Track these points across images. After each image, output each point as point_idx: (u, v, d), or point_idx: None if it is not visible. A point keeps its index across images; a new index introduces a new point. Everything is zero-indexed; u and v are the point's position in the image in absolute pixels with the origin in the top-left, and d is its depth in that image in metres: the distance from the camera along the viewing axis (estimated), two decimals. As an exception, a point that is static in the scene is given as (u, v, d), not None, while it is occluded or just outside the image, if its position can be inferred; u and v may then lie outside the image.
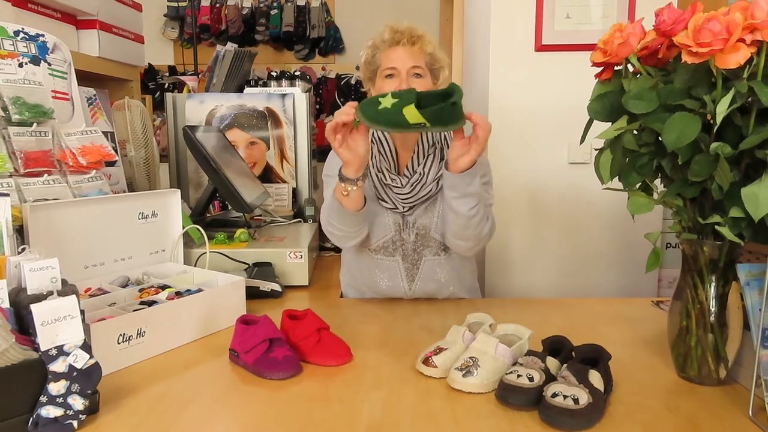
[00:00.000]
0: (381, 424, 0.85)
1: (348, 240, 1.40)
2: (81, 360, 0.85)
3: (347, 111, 1.15)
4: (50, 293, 0.89)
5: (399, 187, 1.38)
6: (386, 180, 1.39)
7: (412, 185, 1.38)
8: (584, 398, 0.83)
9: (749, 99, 0.82)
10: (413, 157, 1.40)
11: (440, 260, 1.44)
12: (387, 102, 1.11)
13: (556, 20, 1.98)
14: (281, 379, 1.00)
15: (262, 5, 4.25)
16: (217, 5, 4.26)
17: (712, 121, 0.84)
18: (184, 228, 1.50)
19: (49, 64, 1.42)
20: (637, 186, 0.98)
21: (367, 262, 1.47)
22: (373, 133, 1.44)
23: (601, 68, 0.98)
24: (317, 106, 4.34)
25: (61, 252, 1.04)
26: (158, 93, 4.18)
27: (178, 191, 1.49)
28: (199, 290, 1.26)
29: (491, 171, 1.47)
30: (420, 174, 1.38)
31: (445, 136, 1.43)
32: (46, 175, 1.29)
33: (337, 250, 2.04)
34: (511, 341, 1.04)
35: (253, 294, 1.42)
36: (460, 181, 1.24)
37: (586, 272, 2.12)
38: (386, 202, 1.41)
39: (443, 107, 1.11)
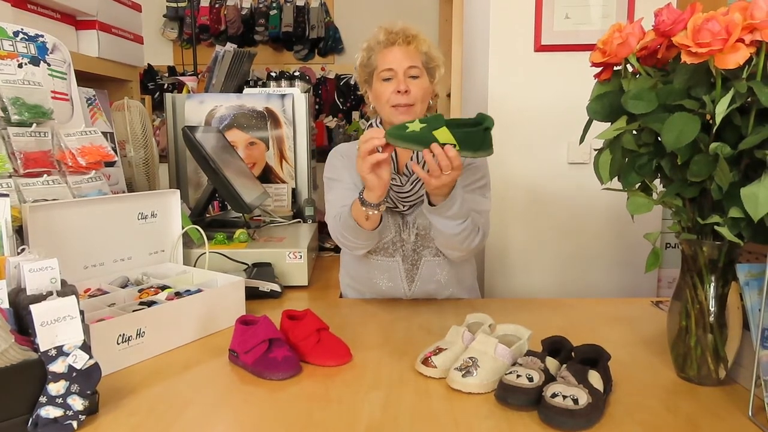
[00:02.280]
0: (380, 425, 0.85)
1: (361, 249, 1.40)
2: (80, 360, 0.85)
3: (376, 135, 1.12)
4: (50, 294, 0.89)
5: (399, 186, 1.38)
6: None
7: (412, 183, 1.38)
8: (584, 398, 0.83)
9: (748, 99, 0.82)
10: (412, 156, 1.40)
11: (440, 261, 1.44)
12: (415, 126, 1.11)
13: (555, 20, 1.98)
14: (281, 379, 1.00)
15: (261, 5, 4.25)
16: (217, 5, 4.26)
17: (711, 122, 0.84)
18: (183, 228, 1.50)
19: (49, 65, 1.42)
20: (637, 186, 0.98)
21: (367, 263, 1.47)
22: None
23: (601, 68, 0.99)
24: (316, 107, 4.34)
25: (60, 252, 1.04)
26: (158, 93, 4.18)
27: (178, 192, 1.49)
28: (199, 291, 1.26)
29: (489, 174, 1.46)
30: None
31: None
32: (45, 175, 1.29)
33: (337, 250, 2.04)
34: (511, 341, 1.03)
35: (252, 294, 1.42)
36: (437, 210, 1.24)
37: (586, 272, 2.12)
38: (386, 201, 1.40)
39: (475, 132, 1.12)
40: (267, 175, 2.29)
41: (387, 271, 1.45)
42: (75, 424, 0.82)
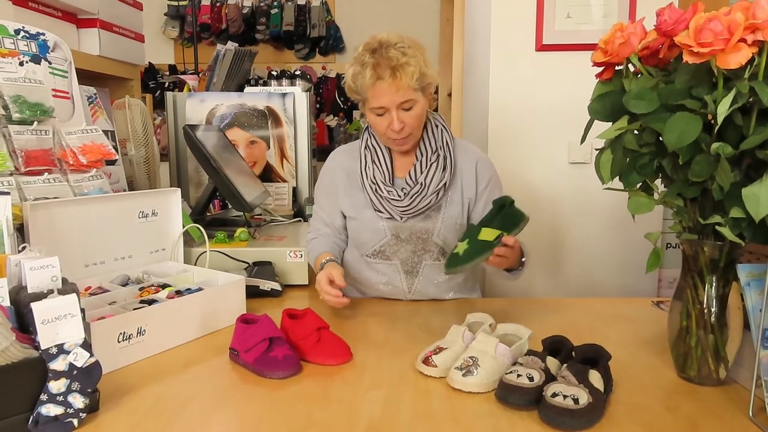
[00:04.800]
0: (380, 424, 0.85)
1: None
2: (81, 358, 0.85)
3: (340, 303, 1.26)
4: (50, 292, 0.89)
5: (397, 200, 1.35)
6: (383, 192, 1.36)
7: (411, 197, 1.35)
8: (584, 398, 0.83)
9: (750, 99, 0.82)
10: (416, 165, 1.37)
11: (440, 265, 1.42)
12: (462, 247, 1.17)
13: (556, 20, 1.98)
14: (281, 378, 1.00)
15: (262, 4, 4.25)
16: (218, 4, 4.26)
17: (713, 122, 0.84)
18: (184, 227, 1.50)
19: (50, 63, 1.42)
20: (638, 186, 0.98)
21: (366, 265, 1.46)
22: (366, 140, 1.43)
23: (602, 68, 0.98)
24: (317, 106, 4.35)
25: (61, 250, 1.04)
26: (158, 92, 4.18)
27: (179, 190, 1.49)
28: (199, 289, 1.26)
29: (497, 173, 1.46)
30: (422, 185, 1.35)
31: (447, 141, 1.39)
32: (46, 173, 1.29)
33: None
34: (511, 341, 1.04)
35: (253, 293, 1.42)
36: (515, 276, 1.34)
37: (586, 272, 2.12)
38: (383, 212, 1.39)
39: (506, 212, 1.20)
40: (268, 174, 2.29)
41: (386, 274, 1.44)
42: (75, 422, 0.83)
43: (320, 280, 1.28)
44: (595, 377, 0.87)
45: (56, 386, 0.83)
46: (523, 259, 1.33)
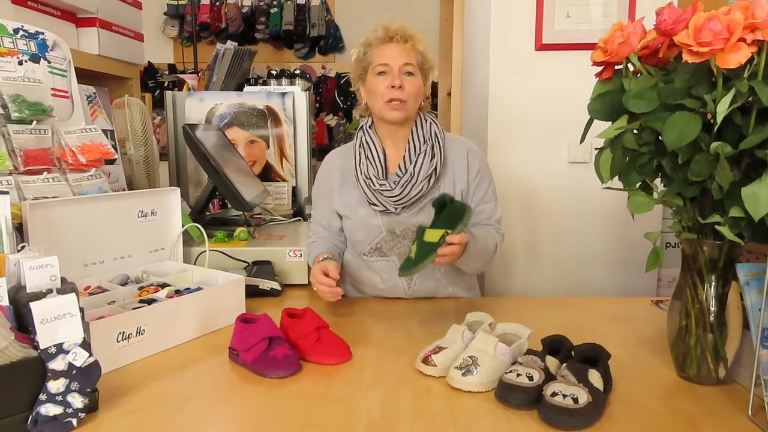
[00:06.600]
0: (380, 423, 0.85)
1: None
2: (80, 358, 0.85)
3: (333, 293, 1.27)
4: (50, 291, 0.89)
5: (389, 190, 1.37)
6: (375, 186, 1.38)
7: (402, 186, 1.37)
8: (584, 397, 0.83)
9: (749, 98, 0.82)
10: (405, 156, 1.40)
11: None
12: (413, 250, 1.18)
13: (556, 19, 1.98)
14: (280, 377, 1.00)
15: (262, 3, 4.25)
16: (217, 3, 4.26)
17: (712, 121, 0.84)
18: (183, 226, 1.50)
19: (49, 62, 1.42)
20: (637, 185, 0.98)
21: (364, 263, 1.46)
22: (361, 138, 1.44)
23: (602, 67, 0.98)
24: (317, 105, 4.34)
25: (60, 250, 1.04)
26: (158, 91, 4.18)
27: (178, 189, 1.49)
28: (199, 289, 1.26)
29: (487, 163, 1.47)
30: (411, 174, 1.37)
31: (435, 133, 1.42)
32: (45, 173, 1.29)
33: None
34: (511, 340, 1.04)
35: (252, 292, 1.42)
36: (462, 266, 1.34)
37: (586, 271, 2.12)
38: (377, 205, 1.40)
39: (448, 211, 1.19)
40: (267, 174, 2.29)
41: (385, 272, 1.44)
42: (75, 421, 0.83)
43: (314, 272, 1.32)
44: (594, 376, 0.88)
45: (55, 386, 0.83)
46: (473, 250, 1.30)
